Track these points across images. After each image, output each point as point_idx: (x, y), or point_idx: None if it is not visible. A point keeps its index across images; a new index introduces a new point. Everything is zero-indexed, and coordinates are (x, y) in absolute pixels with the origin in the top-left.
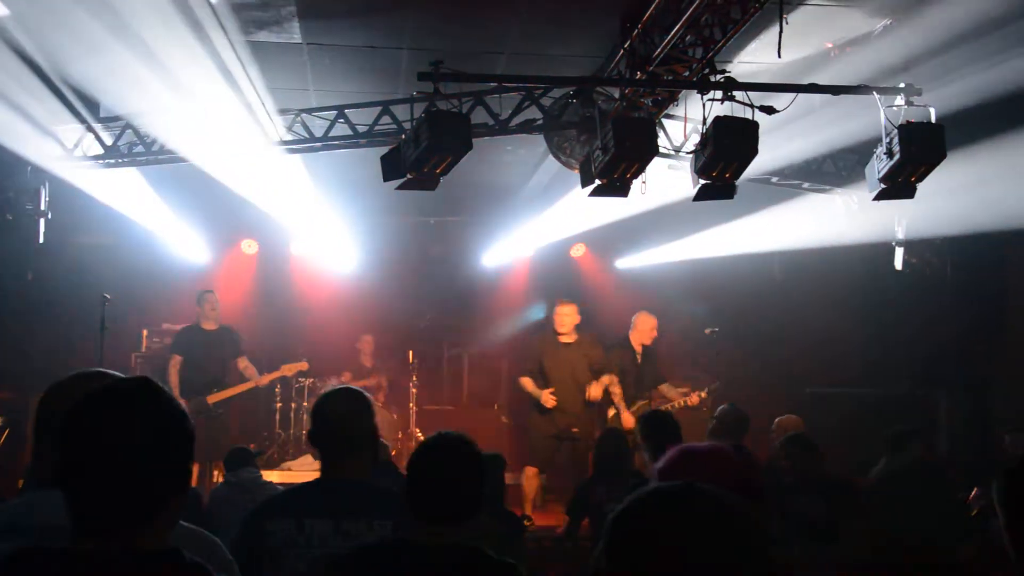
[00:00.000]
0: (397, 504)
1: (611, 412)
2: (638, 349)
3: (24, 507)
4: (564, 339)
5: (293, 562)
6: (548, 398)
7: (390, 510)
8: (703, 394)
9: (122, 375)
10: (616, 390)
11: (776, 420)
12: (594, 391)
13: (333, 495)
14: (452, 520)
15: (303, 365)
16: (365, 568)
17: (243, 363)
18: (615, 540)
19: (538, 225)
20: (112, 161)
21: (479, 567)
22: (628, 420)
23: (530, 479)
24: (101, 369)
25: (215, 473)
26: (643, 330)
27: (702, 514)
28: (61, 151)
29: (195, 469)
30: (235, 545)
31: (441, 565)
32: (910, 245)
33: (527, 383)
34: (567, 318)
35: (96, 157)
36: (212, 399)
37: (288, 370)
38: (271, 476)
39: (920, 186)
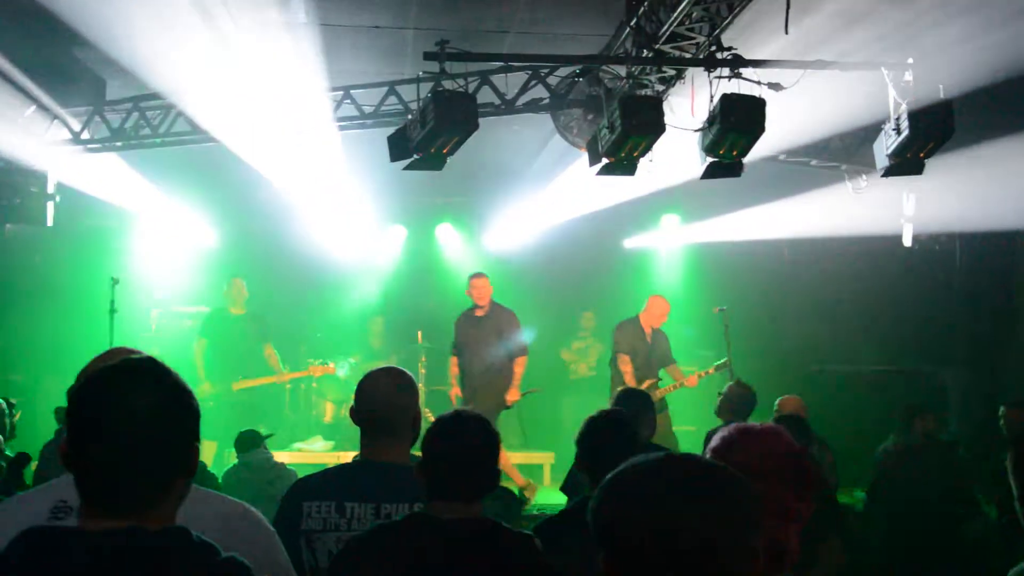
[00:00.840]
0: None
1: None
2: (647, 330)
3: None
4: (479, 312)
5: (332, 544)
6: (452, 397)
7: None
8: (702, 374)
9: (148, 355)
10: (627, 368)
11: (777, 401)
12: (512, 395)
13: (374, 478)
14: (468, 498)
15: (330, 368)
16: (387, 543)
17: (268, 350)
18: (594, 513)
19: (545, 204)
20: (119, 144)
21: (499, 538)
22: None
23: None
24: (129, 347)
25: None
26: (655, 313)
27: (679, 482)
28: (68, 134)
29: (212, 451)
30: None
31: (462, 538)
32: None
33: (452, 364)
34: (477, 291)
35: (103, 139)
36: (237, 386)
37: (315, 371)
38: (281, 457)
39: (930, 180)
